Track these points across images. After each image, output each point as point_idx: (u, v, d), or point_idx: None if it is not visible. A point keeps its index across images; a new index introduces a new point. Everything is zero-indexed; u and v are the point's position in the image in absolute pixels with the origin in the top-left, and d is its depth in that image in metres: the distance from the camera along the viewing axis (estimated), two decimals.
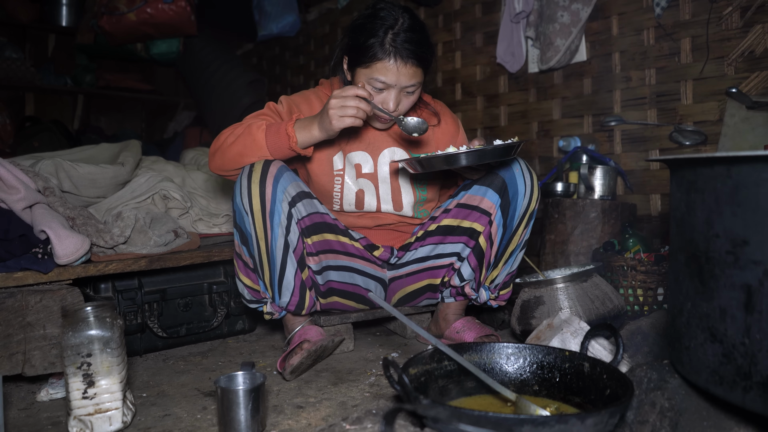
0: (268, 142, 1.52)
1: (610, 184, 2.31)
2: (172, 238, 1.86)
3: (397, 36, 1.54)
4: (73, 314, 1.21)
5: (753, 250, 0.86)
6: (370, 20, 1.57)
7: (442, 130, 1.83)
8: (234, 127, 1.58)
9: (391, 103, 1.58)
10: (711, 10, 2.15)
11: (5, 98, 4.37)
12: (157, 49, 4.55)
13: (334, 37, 4.10)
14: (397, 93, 1.58)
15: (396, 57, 1.53)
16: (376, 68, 1.55)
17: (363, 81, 1.58)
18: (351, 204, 1.74)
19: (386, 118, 1.62)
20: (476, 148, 1.42)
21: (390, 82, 1.56)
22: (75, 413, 1.20)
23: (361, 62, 1.57)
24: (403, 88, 1.59)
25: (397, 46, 1.53)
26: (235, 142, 1.54)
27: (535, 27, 2.66)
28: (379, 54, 1.53)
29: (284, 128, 1.52)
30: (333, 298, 1.74)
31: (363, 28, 1.57)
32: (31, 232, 1.59)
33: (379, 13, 1.57)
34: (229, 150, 1.54)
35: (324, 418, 1.30)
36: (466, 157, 1.42)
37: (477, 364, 1.20)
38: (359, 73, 1.59)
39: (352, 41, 1.61)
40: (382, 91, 1.58)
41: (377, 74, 1.55)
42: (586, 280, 1.74)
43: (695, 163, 0.96)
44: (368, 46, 1.54)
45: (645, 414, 1.01)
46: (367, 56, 1.55)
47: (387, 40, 1.53)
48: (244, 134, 1.54)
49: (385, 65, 1.54)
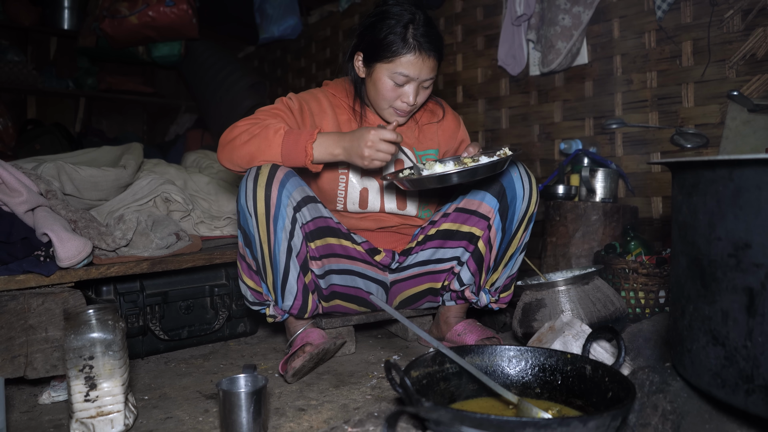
0: (283, 151, 1.52)
1: (611, 187, 2.31)
2: (173, 241, 1.86)
3: (417, 30, 1.57)
4: (76, 317, 1.21)
5: (755, 253, 0.86)
6: (386, 16, 1.59)
7: (443, 127, 1.83)
8: (250, 122, 1.57)
9: (411, 96, 1.62)
10: (712, 13, 2.15)
11: (7, 101, 4.38)
12: (159, 52, 4.56)
13: (335, 39, 4.11)
14: (416, 86, 1.62)
15: (419, 50, 1.57)
16: (400, 62, 1.57)
17: (383, 75, 1.60)
18: (355, 203, 1.74)
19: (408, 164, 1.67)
20: (468, 167, 1.44)
21: (413, 76, 1.59)
22: (77, 416, 1.20)
23: (383, 57, 1.59)
24: (422, 82, 1.62)
25: (419, 40, 1.57)
26: (249, 141, 1.54)
27: (537, 30, 2.67)
28: (402, 48, 1.56)
29: (303, 143, 1.51)
30: (335, 301, 1.74)
31: (381, 24, 1.59)
32: (34, 235, 1.59)
33: (393, 9, 1.60)
34: (242, 148, 1.54)
35: (326, 420, 1.30)
36: (458, 176, 1.45)
37: (479, 366, 1.20)
38: (379, 69, 1.60)
39: (369, 38, 1.62)
40: (402, 85, 1.61)
41: (401, 68, 1.58)
42: (588, 283, 1.74)
43: (697, 166, 0.96)
44: (390, 42, 1.57)
45: (647, 417, 1.01)
46: (390, 51, 1.57)
47: (409, 35, 1.57)
48: (260, 136, 1.53)
49: (409, 59, 1.57)
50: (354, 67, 1.69)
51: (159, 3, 4.13)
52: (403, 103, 1.63)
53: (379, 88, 1.62)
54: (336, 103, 1.75)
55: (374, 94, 1.66)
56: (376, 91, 1.64)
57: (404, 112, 1.67)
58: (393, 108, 1.66)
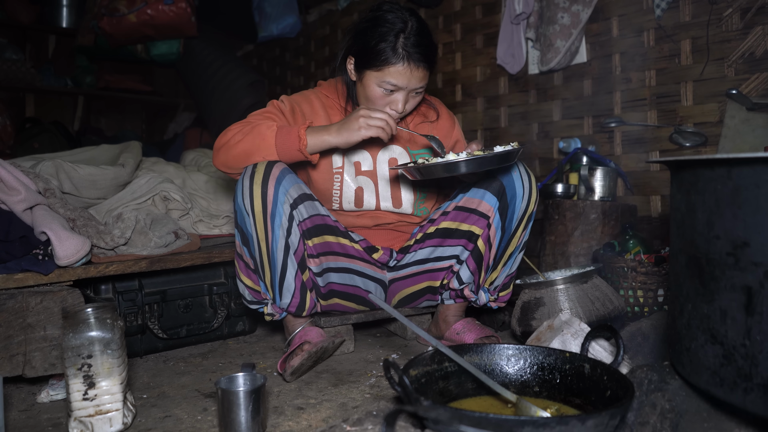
0: (278, 143, 1.52)
1: (610, 186, 2.31)
2: (172, 240, 1.86)
3: (407, 40, 1.55)
4: (74, 316, 1.21)
5: (753, 252, 0.86)
6: (379, 23, 1.58)
7: (439, 126, 1.83)
8: (242, 124, 1.58)
9: (400, 104, 1.61)
10: (711, 12, 2.15)
11: (5, 99, 4.37)
12: (158, 51, 4.55)
13: (334, 38, 4.10)
14: (406, 94, 1.61)
15: (408, 61, 1.55)
16: (389, 72, 1.56)
17: (372, 83, 1.59)
18: (350, 202, 1.74)
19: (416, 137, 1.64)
20: (476, 156, 1.42)
21: (401, 85, 1.58)
22: (75, 414, 1.20)
23: (372, 65, 1.58)
24: (411, 91, 1.61)
25: (409, 51, 1.55)
26: (243, 140, 1.54)
27: (536, 28, 2.67)
28: (391, 58, 1.55)
29: (296, 131, 1.52)
30: (333, 299, 1.74)
31: (372, 30, 1.58)
32: (32, 233, 1.59)
33: (387, 16, 1.58)
34: (236, 148, 1.54)
35: (324, 419, 1.30)
36: (466, 165, 1.41)
37: (477, 365, 1.20)
38: (369, 76, 1.60)
39: (360, 43, 1.61)
40: (392, 93, 1.60)
41: (389, 77, 1.57)
42: (587, 282, 1.74)
43: (696, 165, 0.96)
44: (380, 50, 1.55)
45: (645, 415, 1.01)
46: (379, 60, 1.56)
47: (399, 45, 1.55)
48: (253, 133, 1.54)
49: (398, 69, 1.56)
50: (346, 69, 1.69)
51: (158, 1, 4.12)
52: (392, 111, 1.62)
53: (368, 94, 1.62)
54: (329, 104, 1.75)
55: (364, 100, 1.66)
56: (366, 97, 1.64)
57: (393, 117, 1.66)
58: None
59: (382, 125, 1.51)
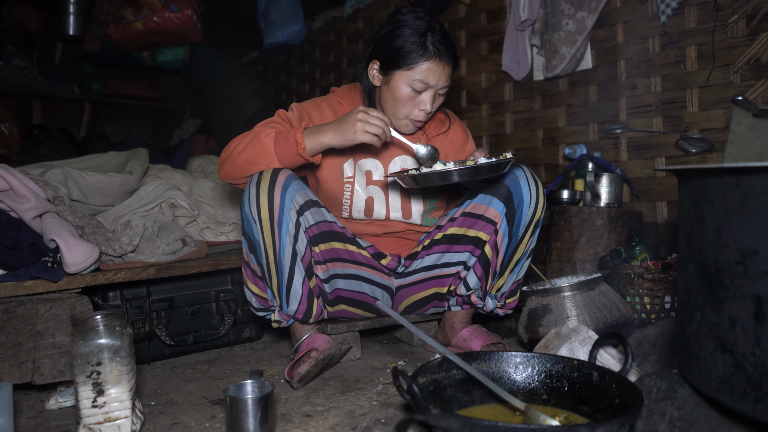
0: (277, 149, 1.53)
1: (616, 192, 2.31)
2: (179, 247, 1.86)
3: (435, 38, 1.58)
4: (83, 323, 1.21)
5: (763, 260, 0.86)
6: (405, 24, 1.60)
7: (450, 138, 1.83)
8: (243, 135, 1.59)
9: (429, 104, 1.62)
10: (716, 18, 2.15)
11: (13, 106, 4.41)
12: (164, 58, 4.58)
13: (339, 45, 4.12)
14: (433, 94, 1.63)
15: (439, 57, 1.58)
16: (420, 70, 1.58)
17: (402, 83, 1.60)
18: (360, 211, 1.74)
19: (406, 145, 1.62)
20: (470, 165, 1.44)
21: (432, 83, 1.60)
22: (84, 422, 1.20)
23: (402, 65, 1.59)
24: (439, 89, 1.63)
25: (438, 48, 1.58)
26: (245, 150, 1.55)
27: (541, 35, 2.67)
28: (423, 56, 1.57)
29: (293, 135, 1.53)
30: (340, 306, 1.74)
31: (399, 31, 1.60)
32: (41, 241, 1.60)
33: (410, 18, 1.61)
34: (238, 158, 1.55)
35: (332, 426, 1.30)
36: (460, 174, 1.43)
37: (485, 373, 1.20)
38: (398, 76, 1.61)
39: (387, 46, 1.62)
40: (420, 93, 1.61)
41: (420, 75, 1.58)
42: (593, 288, 1.74)
43: (704, 173, 0.96)
44: (410, 49, 1.58)
45: (654, 424, 1.01)
46: (410, 58, 1.58)
47: (428, 42, 1.58)
48: (253, 142, 1.55)
49: (429, 66, 1.58)
50: (368, 75, 1.69)
51: (164, 9, 4.15)
52: (420, 111, 1.63)
53: (396, 95, 1.62)
54: (341, 111, 1.75)
55: (391, 102, 1.65)
56: (393, 99, 1.64)
57: (420, 122, 1.67)
58: (410, 119, 1.66)
59: (378, 132, 1.50)
